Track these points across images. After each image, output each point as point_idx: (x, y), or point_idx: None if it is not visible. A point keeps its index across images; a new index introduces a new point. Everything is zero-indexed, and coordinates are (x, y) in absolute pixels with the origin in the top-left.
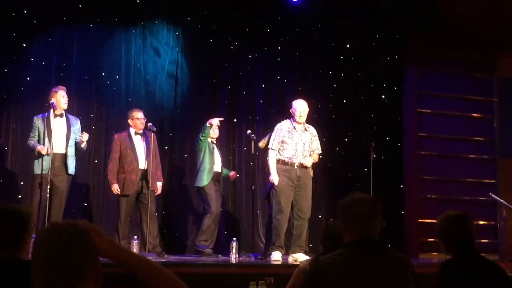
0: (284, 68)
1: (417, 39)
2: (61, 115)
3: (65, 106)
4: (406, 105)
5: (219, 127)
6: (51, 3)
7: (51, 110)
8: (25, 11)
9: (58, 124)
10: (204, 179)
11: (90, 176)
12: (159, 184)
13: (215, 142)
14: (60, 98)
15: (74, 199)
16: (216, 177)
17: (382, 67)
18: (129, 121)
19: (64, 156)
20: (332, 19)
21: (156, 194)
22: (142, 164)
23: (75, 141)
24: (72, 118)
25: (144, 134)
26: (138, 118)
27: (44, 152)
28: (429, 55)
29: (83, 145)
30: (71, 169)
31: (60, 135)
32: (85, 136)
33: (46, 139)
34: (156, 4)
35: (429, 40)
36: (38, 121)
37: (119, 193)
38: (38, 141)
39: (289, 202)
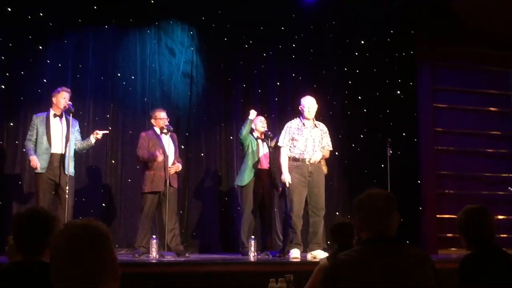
0: (299, 65)
1: (431, 34)
2: (60, 116)
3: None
4: (422, 101)
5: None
6: (66, 6)
7: (51, 110)
8: (41, 14)
9: (57, 124)
10: (245, 178)
11: (108, 176)
12: (178, 165)
13: (263, 137)
14: (61, 99)
15: (92, 200)
16: (266, 174)
17: (397, 63)
18: (152, 120)
19: (62, 156)
20: (345, 15)
21: (177, 171)
22: (171, 161)
23: (75, 143)
24: (71, 119)
25: (168, 133)
26: (161, 118)
27: (34, 166)
28: (443, 50)
29: (93, 141)
30: (69, 170)
31: (59, 135)
32: (100, 134)
33: (45, 138)
34: (171, 4)
35: (443, 35)
36: (37, 120)
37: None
38: (36, 140)
39: (302, 199)
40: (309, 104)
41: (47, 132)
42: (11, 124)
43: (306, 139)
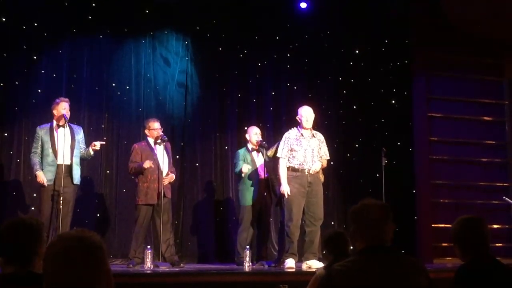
0: (294, 75)
1: (426, 43)
2: (64, 126)
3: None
4: (417, 110)
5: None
6: (61, 15)
7: (54, 121)
8: (35, 24)
9: (62, 135)
10: (248, 199)
11: (102, 186)
12: (172, 175)
13: (257, 147)
14: (61, 109)
15: (87, 210)
16: (263, 184)
17: (391, 72)
18: (146, 131)
19: (69, 166)
20: (340, 25)
21: (171, 181)
22: (165, 172)
23: (80, 151)
24: (75, 127)
25: (162, 143)
26: (154, 128)
27: (40, 182)
28: (438, 59)
29: (92, 152)
30: (76, 179)
31: (64, 145)
32: (98, 145)
33: (50, 150)
34: (165, 14)
35: (438, 44)
36: (41, 132)
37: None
38: (42, 152)
39: (301, 209)
40: (306, 113)
41: (52, 144)
42: (6, 134)
43: (305, 150)
